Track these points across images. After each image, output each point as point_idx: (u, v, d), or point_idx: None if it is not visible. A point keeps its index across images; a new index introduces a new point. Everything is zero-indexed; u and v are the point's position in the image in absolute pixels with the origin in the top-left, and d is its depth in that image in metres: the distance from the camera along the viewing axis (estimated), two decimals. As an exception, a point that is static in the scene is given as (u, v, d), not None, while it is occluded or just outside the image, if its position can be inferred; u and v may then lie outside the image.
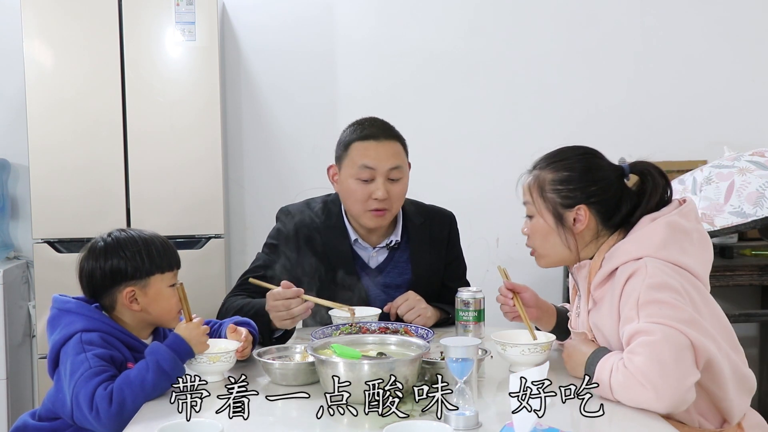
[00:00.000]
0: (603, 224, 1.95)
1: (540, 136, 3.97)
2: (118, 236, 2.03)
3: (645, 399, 1.67)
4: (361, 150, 2.40)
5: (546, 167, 1.99)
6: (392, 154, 2.42)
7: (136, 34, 3.36)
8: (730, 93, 4.06)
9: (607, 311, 1.88)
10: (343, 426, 1.63)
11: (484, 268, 3.90)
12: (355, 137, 2.42)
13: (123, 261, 1.97)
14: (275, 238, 2.52)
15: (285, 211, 2.56)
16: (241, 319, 2.18)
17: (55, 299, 2.00)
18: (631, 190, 1.98)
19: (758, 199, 3.00)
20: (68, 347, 1.89)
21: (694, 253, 1.89)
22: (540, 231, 2.00)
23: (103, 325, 1.94)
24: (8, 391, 3.43)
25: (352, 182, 2.41)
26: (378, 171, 2.39)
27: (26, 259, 3.75)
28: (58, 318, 1.96)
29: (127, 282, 1.97)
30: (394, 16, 3.97)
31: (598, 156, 2.00)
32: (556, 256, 2.01)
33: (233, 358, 2.00)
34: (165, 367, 1.85)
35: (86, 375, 1.82)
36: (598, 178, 1.95)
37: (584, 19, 4.02)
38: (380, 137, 2.42)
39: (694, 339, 1.71)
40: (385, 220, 2.46)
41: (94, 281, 1.99)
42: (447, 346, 1.64)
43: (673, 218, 1.89)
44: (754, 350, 4.09)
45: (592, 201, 1.94)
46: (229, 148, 3.90)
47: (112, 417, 1.78)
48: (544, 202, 1.97)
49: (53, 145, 3.34)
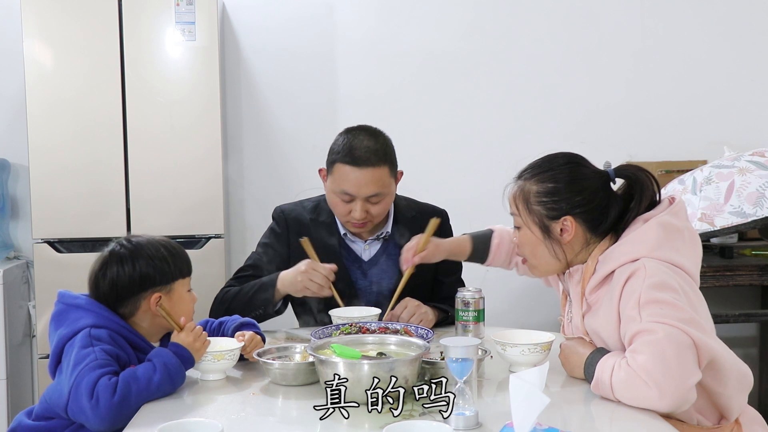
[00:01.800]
0: (591, 232, 1.96)
1: (540, 136, 3.97)
2: (139, 242, 2.02)
3: (648, 398, 1.67)
4: (342, 174, 2.41)
5: (531, 178, 1.99)
6: (372, 181, 2.40)
7: (136, 34, 3.36)
8: (730, 93, 4.06)
9: (604, 315, 1.88)
10: (343, 426, 1.63)
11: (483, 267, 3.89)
12: (340, 158, 2.42)
13: (150, 267, 1.98)
14: (268, 236, 2.60)
15: (279, 210, 2.64)
16: (245, 321, 2.18)
17: (62, 294, 1.99)
18: (617, 194, 1.98)
19: (758, 199, 3.00)
20: (75, 341, 1.87)
21: (686, 252, 1.90)
22: (528, 242, 2.01)
23: (111, 323, 1.93)
24: (8, 391, 3.43)
25: (333, 197, 2.47)
26: (357, 197, 2.42)
27: (26, 259, 3.75)
28: (65, 313, 1.95)
29: (154, 288, 1.98)
30: (393, 16, 3.97)
31: (582, 164, 2.00)
32: (547, 267, 2.02)
33: (236, 357, 2.01)
34: (171, 371, 1.85)
35: (92, 365, 1.79)
36: (583, 188, 1.95)
37: (584, 19, 4.02)
38: (363, 164, 2.39)
39: (697, 339, 1.71)
40: (366, 229, 2.51)
41: (119, 287, 1.97)
42: (447, 346, 1.64)
43: (665, 218, 1.89)
44: (754, 350, 4.09)
45: (577, 211, 1.94)
46: (229, 148, 3.90)
47: (113, 408, 1.74)
48: (530, 214, 1.98)
49: (53, 145, 3.34)
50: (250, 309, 2.38)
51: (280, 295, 2.40)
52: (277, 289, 2.38)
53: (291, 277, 2.36)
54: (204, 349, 1.95)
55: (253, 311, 2.38)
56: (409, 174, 2.52)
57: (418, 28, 3.98)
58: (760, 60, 4.08)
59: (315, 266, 2.34)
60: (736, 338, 4.03)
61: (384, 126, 2.57)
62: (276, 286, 2.38)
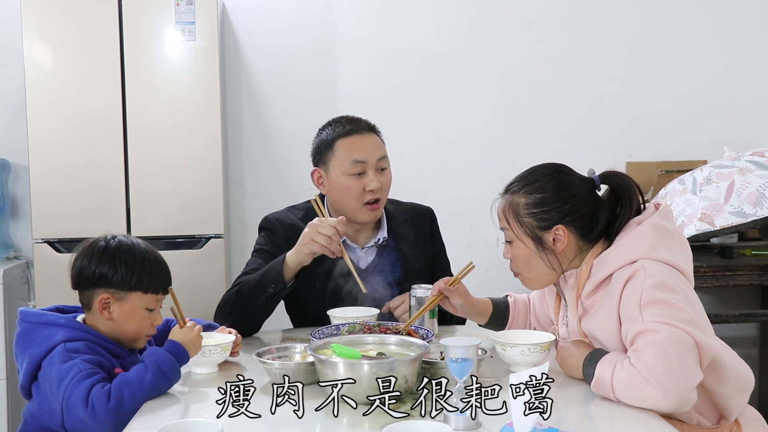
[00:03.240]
0: (583, 239, 1.96)
1: (539, 136, 3.98)
2: (121, 242, 2.01)
3: (650, 397, 1.67)
4: (349, 145, 2.45)
5: (518, 191, 1.99)
6: (377, 145, 2.49)
7: (136, 34, 3.35)
8: (730, 93, 4.06)
9: (602, 318, 1.89)
10: (343, 426, 1.63)
11: (484, 268, 3.90)
12: (338, 135, 2.47)
13: (111, 268, 1.95)
14: (265, 243, 2.53)
15: (272, 219, 2.57)
16: (209, 323, 2.23)
17: (24, 313, 1.97)
18: (604, 201, 1.99)
19: (758, 199, 3.00)
20: (53, 358, 1.86)
21: (678, 253, 1.91)
22: (522, 256, 2.00)
23: (84, 335, 1.92)
24: (8, 391, 3.42)
25: (345, 179, 2.44)
26: (369, 163, 2.44)
27: (26, 259, 3.75)
28: (32, 332, 1.93)
29: (107, 289, 1.95)
30: (393, 15, 3.97)
31: (567, 172, 2.00)
32: (542, 278, 2.02)
33: (228, 351, 2.05)
34: (164, 369, 1.85)
35: (77, 378, 1.80)
36: (571, 196, 1.95)
37: (584, 19, 4.02)
38: (362, 131, 2.48)
39: (699, 339, 1.72)
40: (379, 212, 2.50)
41: (81, 277, 1.98)
42: (447, 346, 1.64)
43: (657, 220, 1.91)
44: (754, 350, 4.09)
45: (568, 219, 1.95)
46: (229, 148, 3.90)
47: (110, 413, 1.75)
48: (521, 227, 1.98)
49: (53, 145, 3.34)
50: (257, 293, 2.31)
51: (290, 270, 2.31)
52: (285, 263, 2.29)
53: (297, 244, 2.29)
54: (199, 344, 1.96)
55: (261, 294, 2.31)
56: (409, 173, 2.53)
57: (418, 28, 3.98)
58: (760, 60, 4.08)
59: (318, 220, 2.29)
60: (736, 338, 4.03)
61: (384, 126, 2.58)
62: (285, 260, 2.30)
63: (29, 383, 1.92)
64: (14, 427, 3.43)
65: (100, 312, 1.96)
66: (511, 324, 2.27)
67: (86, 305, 1.99)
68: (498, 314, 2.27)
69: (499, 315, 2.27)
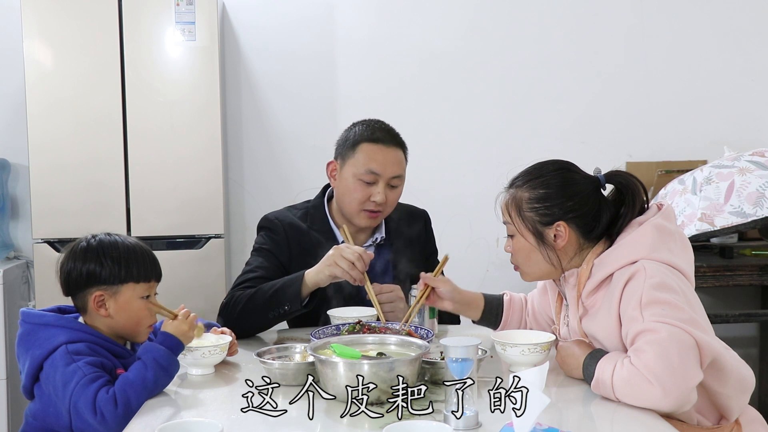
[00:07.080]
0: (584, 237, 1.96)
1: (539, 136, 3.98)
2: (102, 239, 2.00)
3: (651, 396, 1.67)
4: (369, 153, 2.43)
5: (522, 186, 1.99)
6: (396, 162, 2.46)
7: (136, 34, 3.35)
8: (730, 93, 4.07)
9: (602, 318, 1.89)
10: (343, 426, 1.63)
11: (483, 267, 3.91)
12: (365, 138, 2.45)
13: (98, 265, 1.95)
14: (266, 242, 2.52)
15: (271, 218, 2.56)
16: (206, 322, 2.19)
17: (25, 314, 1.97)
18: (608, 200, 1.99)
19: (758, 199, 3.00)
20: (55, 359, 1.86)
21: (679, 254, 1.91)
22: (522, 250, 2.01)
23: (85, 335, 1.92)
24: (8, 391, 3.42)
25: (354, 182, 2.44)
26: (382, 176, 2.43)
27: (26, 259, 3.75)
28: (33, 333, 1.93)
29: (99, 286, 1.95)
30: (394, 16, 3.98)
31: (573, 170, 2.01)
32: (540, 272, 2.02)
33: (225, 351, 2.05)
34: (162, 363, 1.85)
35: (82, 382, 1.81)
36: (575, 193, 1.96)
37: (584, 19, 4.02)
38: (388, 143, 2.45)
39: (699, 339, 1.72)
40: (376, 221, 2.51)
41: (70, 281, 1.98)
42: (447, 346, 1.64)
43: (658, 221, 1.91)
44: (754, 350, 4.09)
45: (570, 216, 1.95)
46: (229, 148, 3.90)
47: (120, 418, 1.76)
48: (522, 221, 1.98)
49: (53, 144, 3.34)
50: (270, 306, 2.29)
51: (308, 289, 2.28)
52: (304, 282, 2.26)
53: (318, 264, 2.26)
54: (192, 333, 1.95)
55: (275, 309, 2.29)
56: (409, 173, 2.52)
57: (418, 28, 3.98)
58: (760, 60, 4.09)
59: (345, 245, 2.26)
60: (736, 338, 4.03)
61: (384, 126, 2.58)
62: (303, 279, 2.27)
63: (31, 384, 1.92)
64: (15, 428, 3.43)
65: (96, 311, 1.96)
66: (506, 322, 2.27)
67: (82, 308, 1.99)
68: (491, 310, 2.27)
69: (492, 311, 2.27)
